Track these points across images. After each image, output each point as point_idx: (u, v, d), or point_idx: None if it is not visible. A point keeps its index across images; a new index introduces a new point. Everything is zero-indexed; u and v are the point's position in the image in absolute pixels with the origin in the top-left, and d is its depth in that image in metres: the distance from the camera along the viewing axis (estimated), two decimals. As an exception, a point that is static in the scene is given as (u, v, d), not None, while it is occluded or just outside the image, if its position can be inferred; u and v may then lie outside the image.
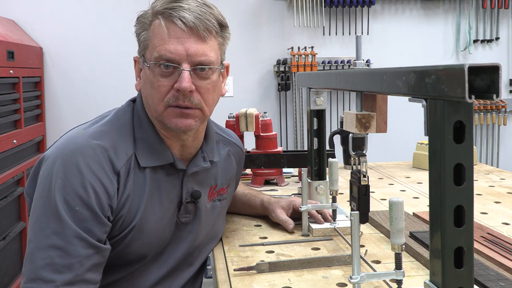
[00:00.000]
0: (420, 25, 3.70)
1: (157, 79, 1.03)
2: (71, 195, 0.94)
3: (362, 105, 0.97)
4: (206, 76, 1.05)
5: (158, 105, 1.05)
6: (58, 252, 0.90)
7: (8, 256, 2.53)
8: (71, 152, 0.98)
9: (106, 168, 0.99)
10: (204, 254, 1.23)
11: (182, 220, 1.13)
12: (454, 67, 0.58)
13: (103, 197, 0.97)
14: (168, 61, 1.01)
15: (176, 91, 1.02)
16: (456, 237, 0.65)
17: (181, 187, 1.12)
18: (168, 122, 1.05)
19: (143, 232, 1.05)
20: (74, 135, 1.02)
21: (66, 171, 0.95)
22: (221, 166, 1.25)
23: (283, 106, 3.60)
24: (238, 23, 3.52)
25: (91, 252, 0.93)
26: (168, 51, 1.01)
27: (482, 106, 3.67)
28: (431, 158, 0.66)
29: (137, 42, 1.10)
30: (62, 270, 0.90)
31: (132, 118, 1.10)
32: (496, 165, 3.80)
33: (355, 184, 1.01)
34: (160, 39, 1.02)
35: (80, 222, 0.93)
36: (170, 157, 1.09)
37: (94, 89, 3.37)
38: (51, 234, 0.91)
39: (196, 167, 1.14)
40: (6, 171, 2.54)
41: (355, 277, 0.86)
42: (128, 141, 1.06)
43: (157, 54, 1.02)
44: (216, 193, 1.23)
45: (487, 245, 1.13)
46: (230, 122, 1.82)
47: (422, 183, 1.84)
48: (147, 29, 1.06)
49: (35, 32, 3.32)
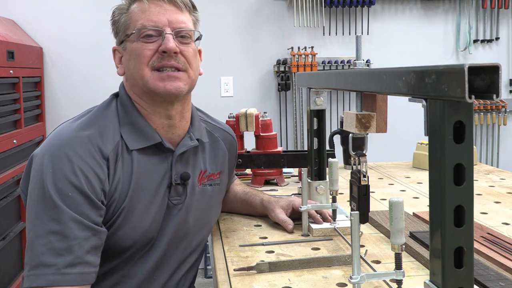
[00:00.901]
0: (420, 25, 3.70)
1: (140, 45, 1.09)
2: (62, 182, 0.97)
3: (362, 105, 0.97)
4: (187, 43, 1.12)
5: (143, 71, 1.09)
6: (56, 237, 0.93)
7: (8, 256, 2.53)
8: (59, 144, 1.01)
9: (94, 154, 1.02)
10: (197, 239, 1.23)
11: (174, 201, 1.15)
12: (454, 67, 0.58)
13: (95, 181, 1.00)
14: (150, 26, 1.08)
15: (161, 54, 1.08)
16: (456, 237, 0.65)
17: (171, 168, 1.14)
18: (156, 87, 1.08)
19: (134, 214, 1.07)
20: (60, 130, 1.07)
21: (55, 161, 0.98)
22: (209, 151, 1.27)
23: (283, 106, 3.60)
24: (238, 23, 3.52)
25: (88, 234, 0.96)
26: (150, 20, 1.09)
27: (482, 106, 3.67)
28: (431, 158, 0.66)
29: (114, 31, 1.17)
30: (62, 253, 0.92)
31: (116, 108, 1.14)
32: (496, 165, 3.80)
33: (355, 184, 1.01)
34: (141, 12, 1.10)
35: (74, 206, 0.96)
36: (157, 137, 1.12)
37: (94, 89, 3.37)
38: (48, 221, 0.94)
39: (184, 146, 1.16)
40: (6, 171, 2.54)
41: (355, 277, 0.86)
42: (114, 128, 1.09)
43: (139, 23, 1.09)
44: (206, 178, 1.25)
45: (487, 245, 1.13)
46: (230, 122, 1.82)
47: (422, 183, 1.84)
48: (125, 13, 1.13)
49: (35, 32, 3.32)
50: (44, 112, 3.30)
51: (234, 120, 1.81)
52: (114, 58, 1.19)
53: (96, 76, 3.38)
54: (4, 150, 2.52)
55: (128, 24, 1.12)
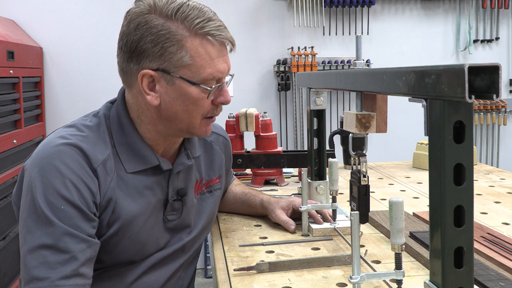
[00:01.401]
0: (420, 25, 3.70)
1: (202, 96, 1.04)
2: (54, 195, 0.94)
3: (362, 105, 0.97)
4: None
5: (196, 119, 1.07)
6: (50, 251, 0.91)
7: (8, 256, 2.53)
8: (47, 156, 0.98)
9: (84, 166, 0.99)
10: (197, 243, 1.24)
11: (169, 217, 1.14)
12: (454, 67, 0.58)
13: (86, 194, 0.98)
14: (218, 81, 1.06)
15: (218, 105, 1.08)
16: (456, 237, 0.65)
17: (167, 186, 1.12)
18: (199, 132, 1.09)
19: (131, 233, 1.05)
20: (48, 141, 1.03)
21: (45, 174, 0.96)
22: (204, 159, 1.26)
23: (283, 106, 3.60)
24: (238, 23, 3.52)
25: (83, 246, 0.94)
26: (219, 72, 1.05)
27: (482, 106, 3.67)
28: (431, 158, 0.66)
29: (152, 53, 1.00)
30: (56, 267, 0.90)
31: (109, 120, 1.09)
32: (496, 165, 3.80)
33: (355, 184, 1.01)
34: (209, 58, 1.03)
35: (67, 219, 0.94)
36: (155, 160, 1.09)
37: (94, 89, 3.37)
38: (40, 235, 0.92)
39: (181, 165, 1.15)
40: (6, 171, 2.54)
41: (355, 277, 0.86)
42: (105, 140, 1.06)
43: (209, 75, 1.03)
44: (204, 186, 1.24)
45: (487, 245, 1.13)
46: (230, 122, 1.82)
47: (422, 183, 1.84)
48: (180, 44, 1.00)
49: (35, 32, 3.32)
50: (44, 112, 3.30)
51: (234, 120, 1.81)
52: (141, 83, 1.02)
53: (96, 76, 3.38)
54: (4, 150, 2.52)
55: (187, 65, 1.00)
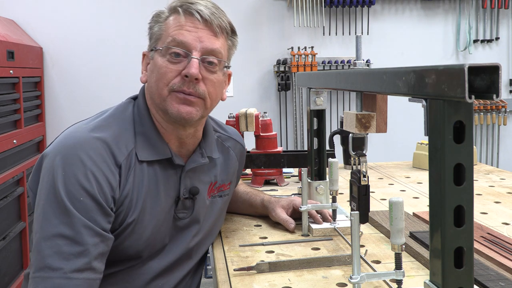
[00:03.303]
0: (420, 25, 3.70)
1: (165, 64, 1.06)
2: (75, 186, 0.95)
3: (362, 105, 0.97)
4: (213, 70, 1.09)
5: (162, 90, 1.06)
6: (65, 241, 0.92)
7: (8, 256, 2.53)
8: (72, 145, 0.99)
9: (108, 160, 1.00)
10: (204, 248, 1.24)
11: (180, 215, 1.14)
12: (454, 67, 0.58)
13: (106, 188, 0.98)
14: (180, 44, 1.05)
15: (183, 78, 1.05)
16: (456, 237, 0.65)
17: (179, 182, 1.13)
18: (170, 107, 1.06)
19: (140, 227, 1.06)
20: (74, 130, 1.04)
21: (68, 163, 0.96)
22: (221, 163, 1.26)
23: (283, 106, 3.60)
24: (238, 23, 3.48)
25: (97, 240, 0.95)
26: (182, 35, 1.05)
27: (482, 106, 3.67)
28: (431, 158, 0.66)
29: (148, 37, 1.13)
30: (70, 258, 0.91)
31: (132, 113, 1.11)
32: (496, 165, 3.80)
33: (355, 184, 1.01)
34: (175, 26, 1.07)
35: (85, 212, 0.94)
36: (168, 152, 1.10)
37: (94, 89, 3.37)
38: (58, 224, 0.92)
39: (194, 163, 1.15)
40: (6, 171, 2.54)
41: (355, 277, 0.86)
42: (129, 135, 1.07)
43: (170, 39, 1.06)
44: (216, 189, 1.24)
45: (487, 245, 1.13)
46: (230, 122, 1.82)
47: (422, 183, 1.84)
48: (161, 22, 1.10)
49: (35, 32, 3.32)
50: (44, 112, 3.30)
51: (234, 120, 1.82)
52: (142, 62, 1.15)
53: (96, 76, 3.38)
54: (4, 150, 2.52)
55: (160, 35, 1.09)
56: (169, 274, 1.14)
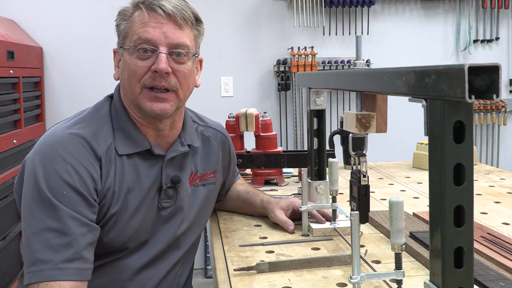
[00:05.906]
0: (420, 25, 3.70)
1: (135, 61, 1.08)
2: (56, 181, 0.97)
3: (362, 105, 0.97)
4: (182, 61, 1.11)
5: (134, 87, 1.09)
6: (53, 234, 0.94)
7: (8, 256, 2.53)
8: (51, 143, 1.02)
9: (87, 155, 1.03)
10: (191, 237, 1.25)
11: (164, 204, 1.16)
12: (454, 67, 0.58)
13: (88, 180, 1.01)
14: (146, 42, 1.07)
15: (153, 73, 1.07)
16: (456, 237, 0.65)
17: (161, 172, 1.15)
18: (144, 105, 1.09)
19: (124, 218, 1.08)
20: (52, 131, 1.07)
21: (48, 160, 0.99)
22: (201, 153, 1.28)
23: (283, 106, 3.60)
24: (238, 23, 3.52)
25: (84, 230, 0.97)
26: (147, 33, 1.07)
27: (482, 106, 3.67)
28: (431, 158, 0.66)
29: (116, 34, 1.16)
30: (59, 249, 0.93)
31: (109, 110, 1.14)
32: (496, 165, 3.80)
33: (355, 184, 1.01)
34: (140, 24, 1.08)
35: (70, 204, 0.97)
36: (147, 144, 1.13)
37: (94, 89, 3.36)
38: (45, 219, 0.95)
39: (175, 152, 1.17)
40: (6, 171, 2.54)
41: (355, 277, 0.86)
42: (107, 131, 1.10)
43: (136, 37, 1.08)
44: (198, 179, 1.25)
45: (487, 245, 1.13)
46: (230, 122, 1.82)
47: (422, 183, 1.84)
48: (127, 20, 1.12)
49: (35, 32, 3.32)
50: (44, 112, 3.30)
51: (234, 120, 1.81)
52: (114, 58, 1.19)
53: (96, 76, 3.37)
54: (4, 150, 2.52)
55: (127, 33, 1.12)
56: (157, 264, 1.16)
